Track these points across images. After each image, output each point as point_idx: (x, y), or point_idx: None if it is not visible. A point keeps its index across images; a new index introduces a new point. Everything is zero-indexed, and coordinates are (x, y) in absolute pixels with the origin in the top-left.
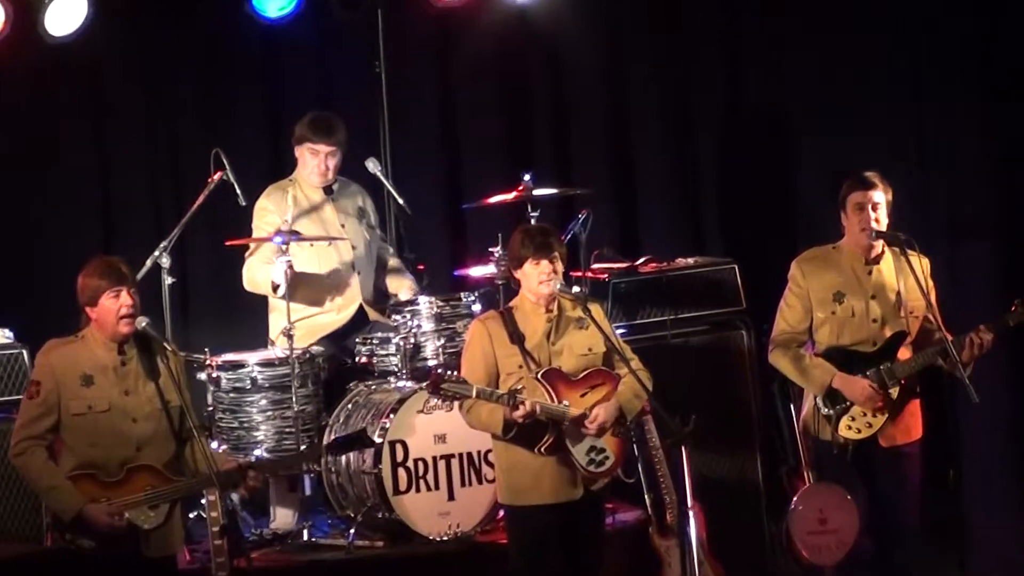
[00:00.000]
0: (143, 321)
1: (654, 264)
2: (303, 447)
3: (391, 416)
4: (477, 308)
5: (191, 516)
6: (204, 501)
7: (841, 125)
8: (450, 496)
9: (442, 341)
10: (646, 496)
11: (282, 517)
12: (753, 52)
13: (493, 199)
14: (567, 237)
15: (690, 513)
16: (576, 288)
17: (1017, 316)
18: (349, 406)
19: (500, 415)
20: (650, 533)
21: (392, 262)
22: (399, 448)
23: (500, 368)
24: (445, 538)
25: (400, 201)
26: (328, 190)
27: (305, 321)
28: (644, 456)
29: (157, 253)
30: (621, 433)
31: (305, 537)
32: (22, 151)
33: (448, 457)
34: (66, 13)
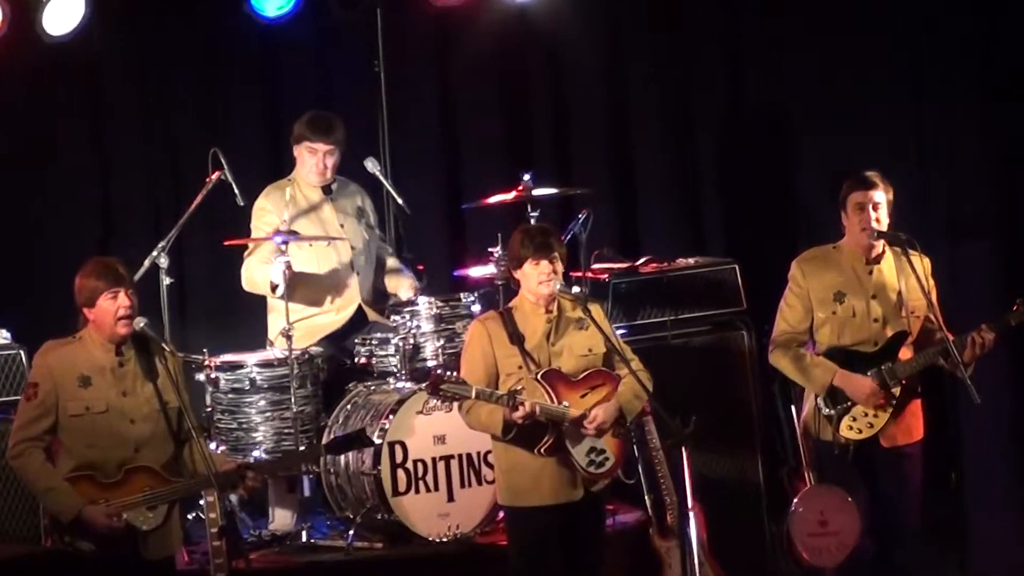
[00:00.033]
0: (141, 322)
1: (654, 264)
2: (302, 447)
3: (390, 417)
4: (477, 309)
5: (189, 517)
6: (202, 502)
7: (841, 125)
8: (449, 497)
9: (441, 342)
10: (646, 497)
11: (281, 518)
12: (753, 52)
13: (493, 199)
14: (567, 237)
15: (690, 514)
16: (576, 288)
17: (1018, 316)
18: (348, 407)
19: (500, 416)
20: (650, 534)
21: (391, 262)
22: (398, 449)
23: (500, 369)
24: (444, 539)
25: (399, 201)
26: (327, 190)
27: (304, 322)
28: (644, 457)
29: (155, 253)
30: (621, 434)
31: (304, 538)
32: (20, 151)
33: (447, 458)
34: (64, 12)
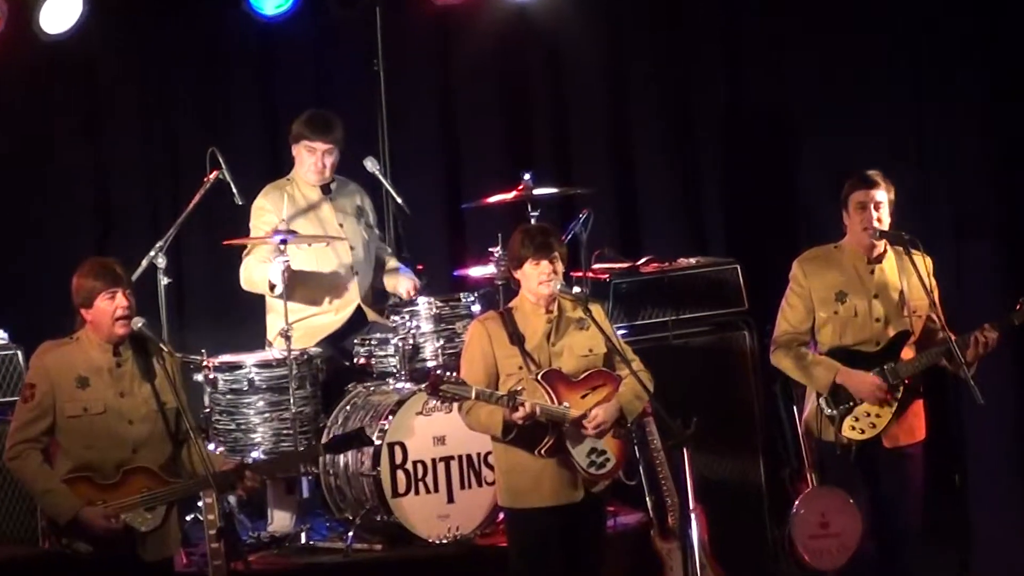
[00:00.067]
0: (139, 322)
1: (655, 264)
2: (301, 448)
3: (390, 418)
4: (476, 309)
5: (188, 519)
6: (201, 504)
7: (842, 124)
8: (449, 499)
9: (441, 342)
10: (647, 498)
11: (280, 520)
12: (754, 52)
13: (493, 199)
14: (567, 237)
15: (692, 515)
16: (577, 288)
17: (1021, 315)
18: (347, 407)
19: (499, 416)
20: (651, 536)
21: (390, 262)
22: (398, 450)
23: (500, 369)
24: (444, 541)
25: (399, 200)
26: (326, 189)
27: (303, 322)
28: (645, 458)
29: (153, 253)
30: (622, 435)
31: (303, 540)
32: (17, 150)
33: (447, 459)
34: (61, 11)
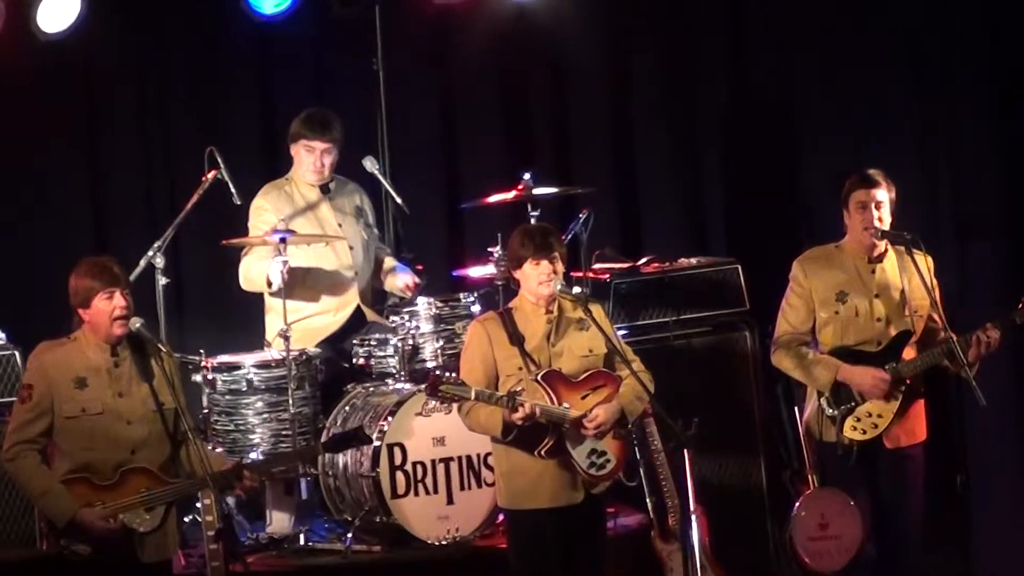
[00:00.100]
0: (137, 322)
1: (656, 264)
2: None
3: (389, 419)
4: (476, 309)
5: (186, 520)
6: (199, 505)
7: (843, 124)
8: (449, 500)
9: (441, 342)
10: (648, 500)
11: (278, 521)
12: (754, 51)
13: (492, 198)
14: (568, 237)
15: (693, 517)
16: (577, 289)
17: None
18: (347, 408)
19: (499, 417)
20: (652, 537)
21: (388, 262)
22: (397, 451)
23: (499, 370)
24: (444, 542)
25: (398, 200)
26: (325, 189)
27: (302, 323)
28: (646, 459)
29: (151, 253)
30: (622, 436)
31: (302, 541)
32: (14, 149)
33: (447, 460)
34: (59, 10)
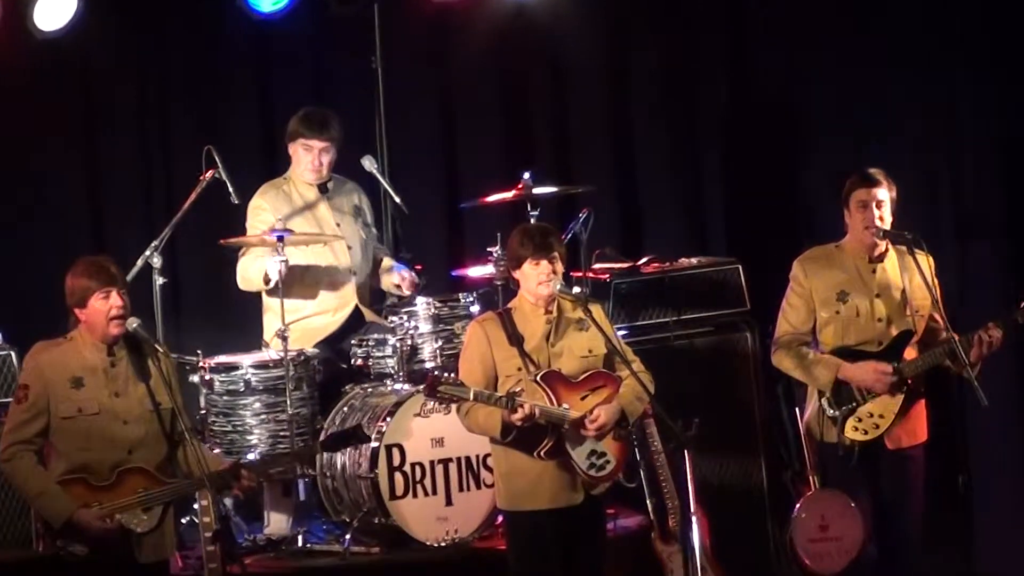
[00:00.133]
0: (134, 322)
1: (656, 264)
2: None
3: (388, 419)
4: (475, 309)
5: (183, 521)
6: (196, 506)
7: (842, 124)
8: (448, 501)
9: (439, 343)
10: (648, 501)
11: (276, 522)
12: (755, 50)
13: (492, 198)
14: (567, 237)
15: (693, 518)
16: (577, 289)
17: None
18: (345, 409)
19: (498, 418)
20: (652, 539)
21: (387, 262)
22: (396, 452)
23: (498, 371)
24: (442, 544)
25: (397, 200)
26: (323, 188)
27: (300, 323)
28: (646, 460)
29: (148, 253)
30: (622, 437)
31: (300, 543)
32: (11, 148)
33: (446, 461)
34: (55, 8)
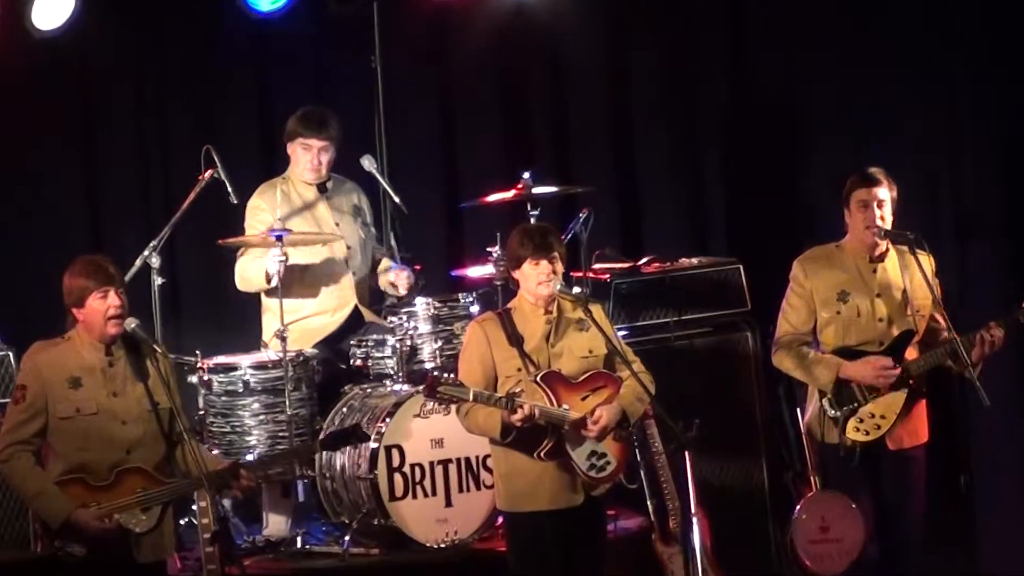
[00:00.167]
0: (132, 322)
1: (657, 264)
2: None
3: (387, 420)
4: (475, 309)
5: (182, 523)
6: (195, 507)
7: (843, 124)
8: (447, 502)
9: (439, 343)
10: (648, 502)
11: (275, 524)
12: (755, 50)
13: (491, 198)
14: (567, 237)
15: (694, 519)
16: (577, 289)
17: None
18: (344, 410)
19: (498, 419)
20: (653, 540)
21: (385, 261)
22: (395, 453)
23: (498, 371)
24: (442, 545)
25: (396, 199)
26: (322, 188)
27: (299, 323)
28: (646, 461)
29: (147, 252)
30: (623, 437)
31: (299, 544)
32: (8, 147)
33: (445, 462)
34: (53, 7)
